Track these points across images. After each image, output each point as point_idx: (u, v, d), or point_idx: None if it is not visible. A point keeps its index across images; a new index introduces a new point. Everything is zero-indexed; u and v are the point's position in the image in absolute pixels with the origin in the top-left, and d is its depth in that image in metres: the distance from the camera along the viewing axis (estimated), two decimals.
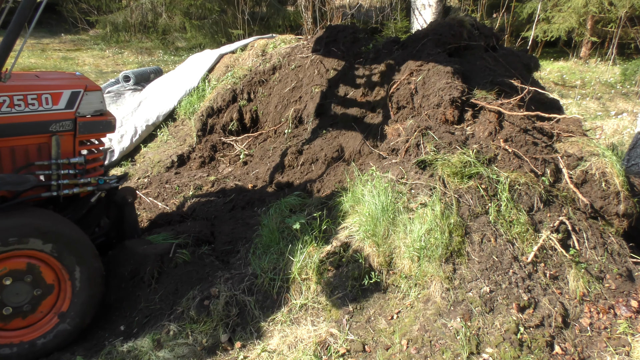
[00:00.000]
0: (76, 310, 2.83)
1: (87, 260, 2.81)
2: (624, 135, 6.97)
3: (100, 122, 3.04)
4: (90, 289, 2.84)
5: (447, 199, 3.07)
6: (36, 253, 2.66)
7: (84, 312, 2.86)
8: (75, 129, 2.93)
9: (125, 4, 13.95)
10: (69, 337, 2.85)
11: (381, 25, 10.52)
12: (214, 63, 6.42)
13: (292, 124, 5.36)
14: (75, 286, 2.79)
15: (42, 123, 2.80)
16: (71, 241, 2.74)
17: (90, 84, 2.98)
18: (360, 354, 2.67)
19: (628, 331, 2.75)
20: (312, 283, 2.99)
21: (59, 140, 2.88)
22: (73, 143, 2.96)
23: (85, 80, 3.01)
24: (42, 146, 2.86)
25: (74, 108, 2.88)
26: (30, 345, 2.74)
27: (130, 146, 5.60)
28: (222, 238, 3.80)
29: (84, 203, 3.11)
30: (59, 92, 2.81)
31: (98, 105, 3.01)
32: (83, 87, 2.91)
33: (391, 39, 5.20)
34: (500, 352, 2.56)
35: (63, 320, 2.81)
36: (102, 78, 9.85)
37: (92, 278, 2.84)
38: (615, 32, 10.51)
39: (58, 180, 2.92)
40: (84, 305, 2.85)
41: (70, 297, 2.80)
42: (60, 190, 2.93)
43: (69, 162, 2.94)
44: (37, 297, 2.74)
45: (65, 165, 2.94)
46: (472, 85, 3.89)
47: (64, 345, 2.84)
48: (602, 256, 3.07)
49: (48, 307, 2.80)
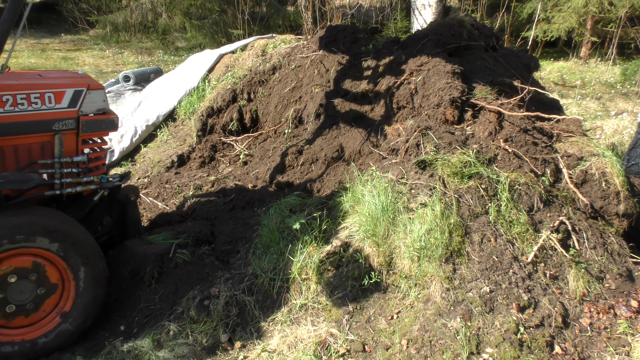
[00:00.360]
0: (79, 310, 2.82)
1: (92, 261, 2.81)
2: (624, 135, 6.97)
3: (103, 121, 3.05)
4: (94, 289, 2.84)
5: (447, 199, 3.07)
6: (42, 252, 2.65)
7: (87, 313, 2.86)
8: (78, 128, 2.93)
9: (125, 4, 13.95)
10: (70, 337, 2.84)
11: (381, 25, 10.52)
12: (214, 63, 6.43)
13: (292, 124, 5.36)
14: (79, 286, 2.79)
15: (45, 122, 2.81)
16: (77, 241, 2.73)
17: (92, 82, 2.99)
18: (360, 354, 2.67)
19: (628, 331, 2.75)
20: (312, 283, 2.99)
21: (62, 139, 2.89)
22: (76, 142, 2.97)
23: (88, 79, 3.02)
24: (45, 145, 2.87)
25: (77, 107, 2.89)
26: (32, 344, 2.73)
27: (130, 146, 5.60)
28: (222, 238, 3.80)
29: (86, 202, 3.12)
30: (62, 91, 2.82)
31: (101, 103, 3.01)
32: (86, 85, 2.91)
33: (391, 39, 5.20)
34: (500, 352, 2.56)
35: (65, 320, 2.80)
36: (102, 78, 9.85)
37: (96, 279, 2.83)
38: (615, 32, 10.51)
39: (61, 179, 2.92)
40: (87, 306, 2.84)
41: (74, 297, 2.80)
42: (63, 188, 2.93)
43: (72, 160, 2.94)
44: (41, 296, 2.73)
45: (68, 164, 2.94)
46: (472, 85, 3.89)
47: (65, 345, 2.84)
48: (602, 256, 3.07)
49: (51, 307, 2.79)
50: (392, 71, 4.49)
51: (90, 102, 2.95)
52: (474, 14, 10.29)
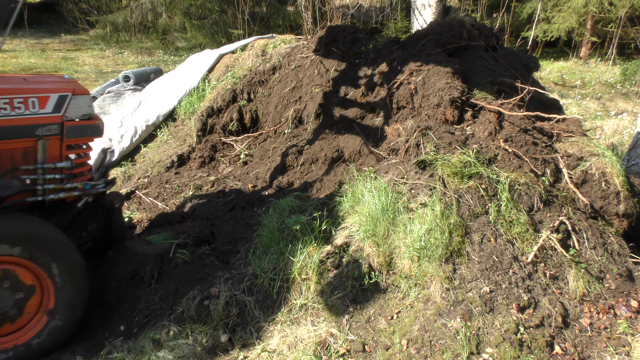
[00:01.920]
0: (64, 305, 2.78)
1: (63, 255, 2.75)
2: (624, 135, 6.97)
3: (88, 127, 2.98)
4: (72, 282, 2.78)
5: (447, 199, 3.07)
6: (7, 258, 2.60)
7: (73, 306, 2.81)
8: (62, 133, 2.87)
9: (125, 4, 13.97)
10: (63, 332, 2.81)
11: (381, 25, 10.52)
12: (214, 63, 6.43)
13: (292, 124, 5.36)
14: (56, 282, 2.74)
15: (29, 127, 2.75)
16: (40, 240, 2.68)
17: (78, 87, 2.93)
18: (360, 354, 2.67)
19: (628, 331, 2.75)
20: (312, 283, 2.99)
21: (46, 145, 2.82)
22: (60, 147, 2.90)
23: (73, 84, 2.96)
24: (28, 150, 2.81)
25: (62, 112, 2.83)
26: (26, 347, 2.71)
27: (130, 146, 5.60)
28: (222, 238, 3.81)
29: (70, 208, 3.06)
30: (46, 96, 2.76)
31: (86, 109, 2.95)
32: (71, 90, 2.85)
33: (391, 39, 5.20)
34: (500, 352, 2.56)
35: (53, 317, 2.77)
36: (102, 78, 9.86)
37: (71, 271, 2.78)
38: (615, 32, 10.51)
39: (44, 185, 2.85)
40: (71, 299, 2.80)
41: (54, 293, 2.75)
42: (46, 195, 2.87)
43: (55, 166, 2.88)
44: (21, 300, 2.70)
45: (51, 170, 2.88)
46: (472, 85, 3.89)
47: (61, 341, 2.82)
48: (602, 256, 3.07)
49: (35, 308, 2.76)
50: (392, 71, 4.50)
51: (75, 108, 2.88)
52: (474, 14, 10.29)
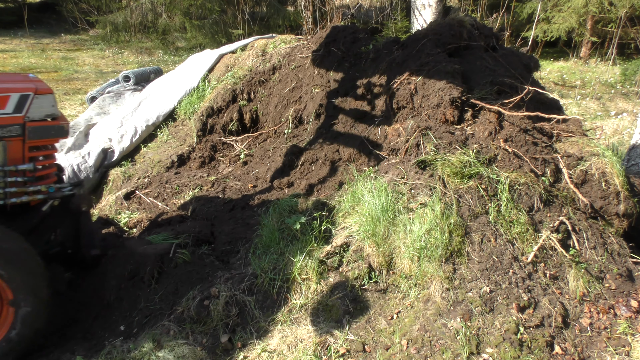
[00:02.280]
0: (22, 290, 2.66)
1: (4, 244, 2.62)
2: (624, 135, 6.97)
3: (52, 127, 2.89)
4: (19, 267, 2.66)
5: (447, 199, 3.07)
6: None
7: (32, 287, 2.69)
8: (24, 134, 2.77)
9: (125, 4, 13.97)
10: (36, 316, 2.71)
11: (381, 25, 10.52)
12: (214, 63, 6.42)
13: (292, 124, 5.36)
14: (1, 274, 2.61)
15: None
16: None
17: (41, 86, 2.84)
18: (360, 354, 2.67)
19: (628, 331, 2.75)
20: (312, 283, 2.99)
21: (7, 146, 2.73)
22: (22, 149, 2.80)
23: (36, 83, 2.87)
24: None
25: (23, 112, 2.74)
26: (7, 342, 2.63)
27: (130, 146, 5.59)
28: (222, 238, 3.80)
29: (35, 212, 2.97)
30: (6, 96, 2.67)
31: (50, 109, 2.86)
32: (33, 90, 2.76)
33: (391, 39, 5.20)
34: (500, 352, 2.56)
35: (18, 306, 2.66)
36: (102, 78, 9.86)
37: (13, 257, 2.65)
38: (615, 32, 10.51)
39: (5, 189, 2.77)
40: (26, 282, 2.67)
41: (6, 282, 2.63)
42: (7, 198, 2.78)
43: (17, 169, 2.79)
44: None
45: (12, 173, 2.78)
46: (472, 85, 3.89)
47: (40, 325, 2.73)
48: (602, 256, 3.07)
49: None
50: (392, 71, 4.49)
51: (37, 108, 2.79)
52: (474, 14, 10.28)
